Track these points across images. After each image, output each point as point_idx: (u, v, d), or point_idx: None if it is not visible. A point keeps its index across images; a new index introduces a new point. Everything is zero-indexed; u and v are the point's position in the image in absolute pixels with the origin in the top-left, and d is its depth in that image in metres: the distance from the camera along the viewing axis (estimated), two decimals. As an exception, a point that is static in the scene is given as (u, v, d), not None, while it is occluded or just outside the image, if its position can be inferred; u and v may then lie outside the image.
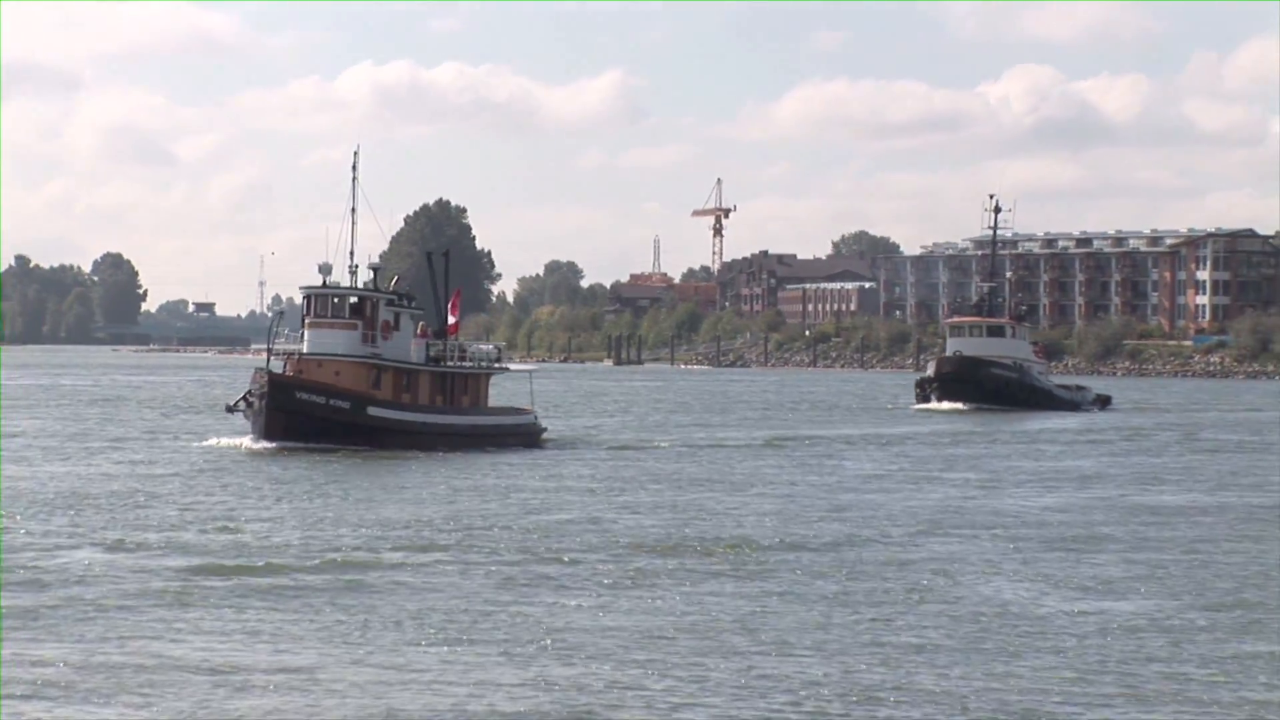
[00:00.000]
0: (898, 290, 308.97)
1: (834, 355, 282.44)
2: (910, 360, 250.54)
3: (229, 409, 73.29)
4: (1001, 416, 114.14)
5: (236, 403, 71.98)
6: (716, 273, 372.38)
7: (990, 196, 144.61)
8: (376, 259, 77.77)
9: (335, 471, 61.04)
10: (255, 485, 55.47)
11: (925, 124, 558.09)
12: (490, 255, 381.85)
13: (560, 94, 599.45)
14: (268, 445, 68.30)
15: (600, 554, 40.19)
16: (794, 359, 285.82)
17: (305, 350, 72.29)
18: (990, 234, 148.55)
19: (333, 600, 33.20)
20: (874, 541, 43.61)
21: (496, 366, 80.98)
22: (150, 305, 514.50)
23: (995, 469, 69.18)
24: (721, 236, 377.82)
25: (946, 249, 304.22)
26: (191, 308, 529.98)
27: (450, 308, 79.72)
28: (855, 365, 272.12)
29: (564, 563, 38.67)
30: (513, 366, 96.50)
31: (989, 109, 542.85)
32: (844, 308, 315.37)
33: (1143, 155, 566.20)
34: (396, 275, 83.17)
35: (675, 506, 51.35)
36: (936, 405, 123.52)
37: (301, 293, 74.32)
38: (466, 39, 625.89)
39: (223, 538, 41.97)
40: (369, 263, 75.28)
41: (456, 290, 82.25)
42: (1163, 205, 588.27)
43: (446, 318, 79.40)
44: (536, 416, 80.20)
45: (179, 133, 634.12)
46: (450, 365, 75.53)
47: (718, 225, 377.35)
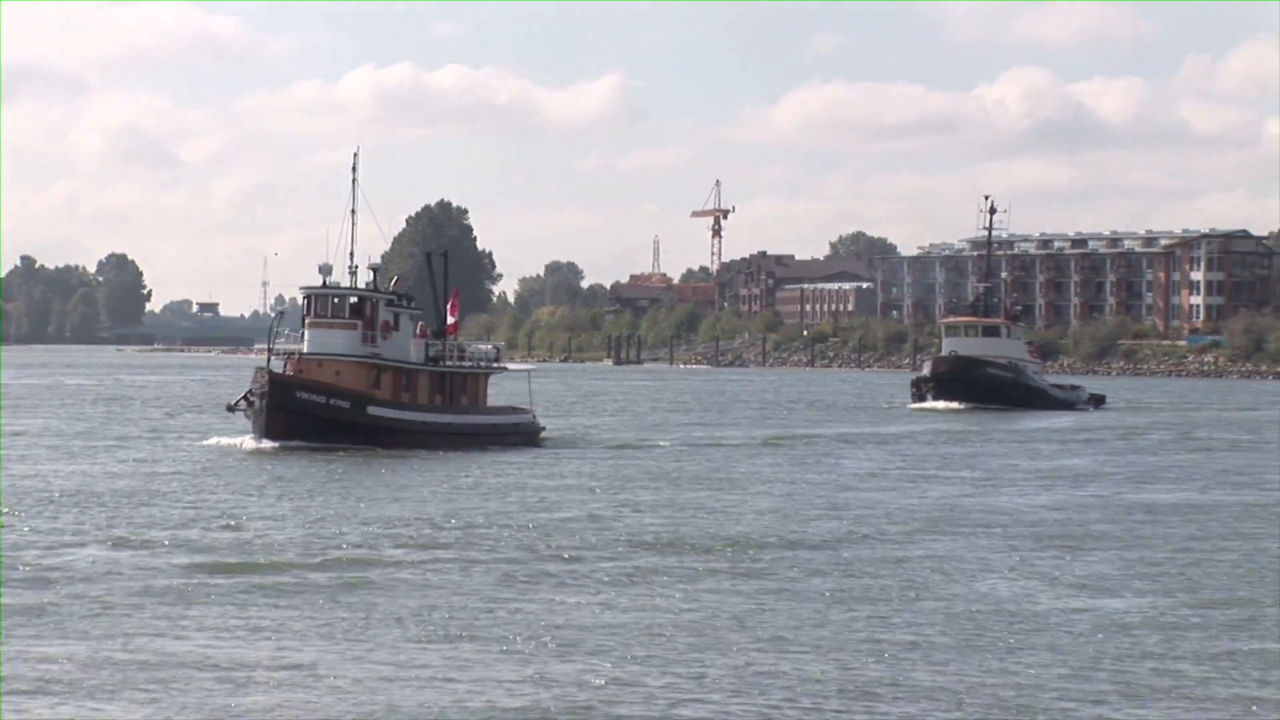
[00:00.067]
0: (895, 291, 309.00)
1: (832, 355, 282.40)
2: (907, 360, 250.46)
3: (230, 408, 73.49)
4: (996, 416, 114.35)
5: (237, 402, 72.17)
6: (715, 273, 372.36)
7: (986, 198, 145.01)
8: (378, 260, 78.04)
9: (336, 470, 61.17)
10: (257, 484, 55.60)
11: (922, 126, 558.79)
12: (491, 256, 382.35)
13: (560, 96, 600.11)
14: (268, 444, 68.48)
15: (600, 552, 40.34)
16: (792, 359, 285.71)
17: (305, 350, 72.47)
18: (986, 235, 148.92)
19: (334, 597, 33.36)
20: (871, 539, 43.77)
21: (495, 366, 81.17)
22: (154, 305, 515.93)
23: (991, 468, 69.28)
24: (720, 237, 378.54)
25: (943, 250, 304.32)
26: (195, 308, 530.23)
27: (449, 308, 79.98)
28: (853, 365, 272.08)
29: (564, 560, 38.82)
30: (511, 366, 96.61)
31: (985, 111, 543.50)
32: (841, 308, 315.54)
33: (1137, 157, 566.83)
34: (396, 276, 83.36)
35: (674, 504, 51.47)
36: (932, 404, 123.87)
37: (302, 293, 74.67)
38: (467, 42, 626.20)
39: (225, 536, 42.11)
40: (369, 263, 75.62)
41: (455, 290, 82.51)
42: (1157, 206, 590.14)
43: (446, 318, 79.66)
44: (535, 416, 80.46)
45: (183, 135, 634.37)
46: (449, 365, 75.75)
47: (716, 226, 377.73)
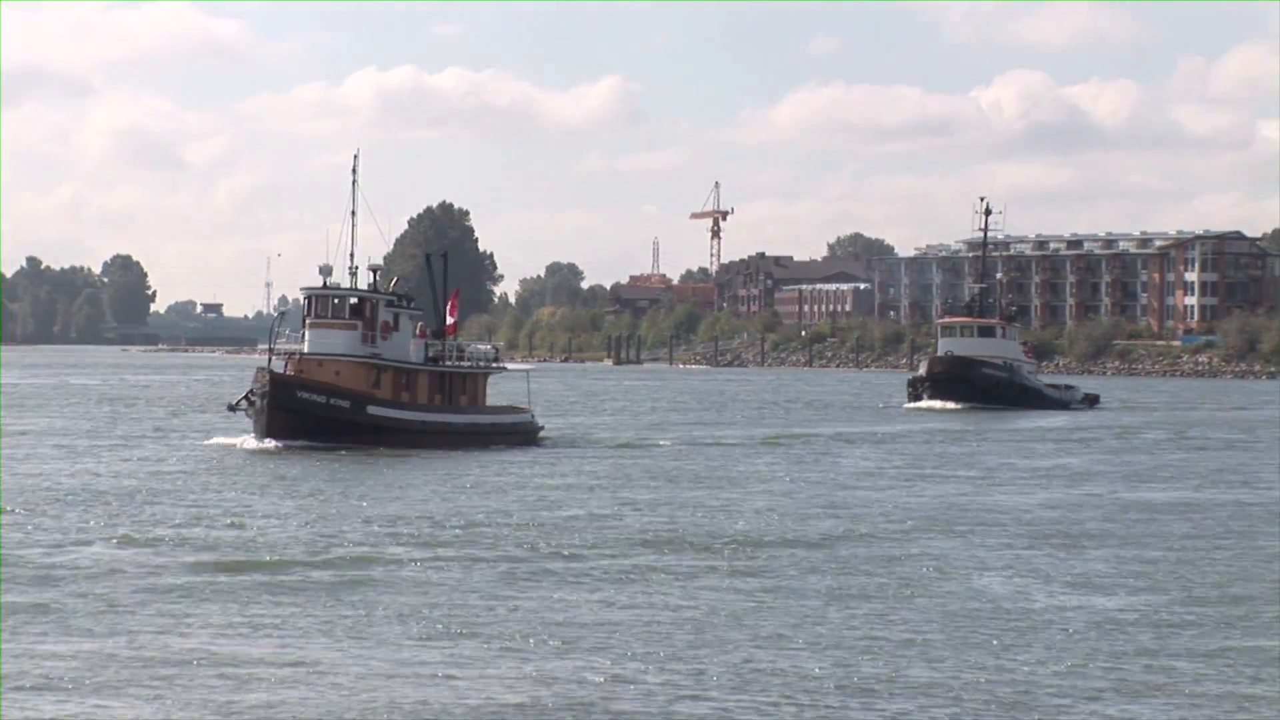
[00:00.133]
0: (892, 291, 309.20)
1: (830, 355, 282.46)
2: (905, 360, 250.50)
3: (231, 408, 73.70)
4: (992, 415, 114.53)
5: (238, 402, 72.41)
6: (714, 274, 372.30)
7: (981, 199, 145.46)
8: (381, 261, 78.28)
9: (337, 469, 61.33)
10: (259, 483, 55.78)
11: (919, 128, 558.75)
12: (492, 257, 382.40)
13: (561, 99, 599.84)
14: (269, 444, 68.72)
15: (599, 549, 40.50)
16: (790, 359, 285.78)
17: (306, 350, 72.66)
18: (982, 236, 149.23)
19: (337, 595, 33.54)
20: (868, 538, 43.91)
21: (494, 366, 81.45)
22: (159, 306, 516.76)
23: (987, 467, 69.39)
24: (719, 239, 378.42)
25: (940, 251, 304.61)
26: (199, 308, 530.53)
27: (449, 308, 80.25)
28: (850, 365, 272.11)
29: (564, 558, 39.00)
30: (510, 366, 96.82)
31: (982, 113, 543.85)
32: (839, 308, 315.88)
33: (1132, 159, 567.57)
34: (397, 277, 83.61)
35: (673, 503, 51.62)
36: (928, 404, 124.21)
37: (302, 294, 74.89)
38: (469, 45, 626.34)
39: (229, 534, 42.29)
40: (369, 264, 75.88)
41: (455, 291, 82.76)
42: (1152, 208, 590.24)
43: (445, 318, 79.93)
44: (533, 415, 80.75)
45: (187, 137, 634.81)
46: (448, 365, 75.98)
47: (715, 227, 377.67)
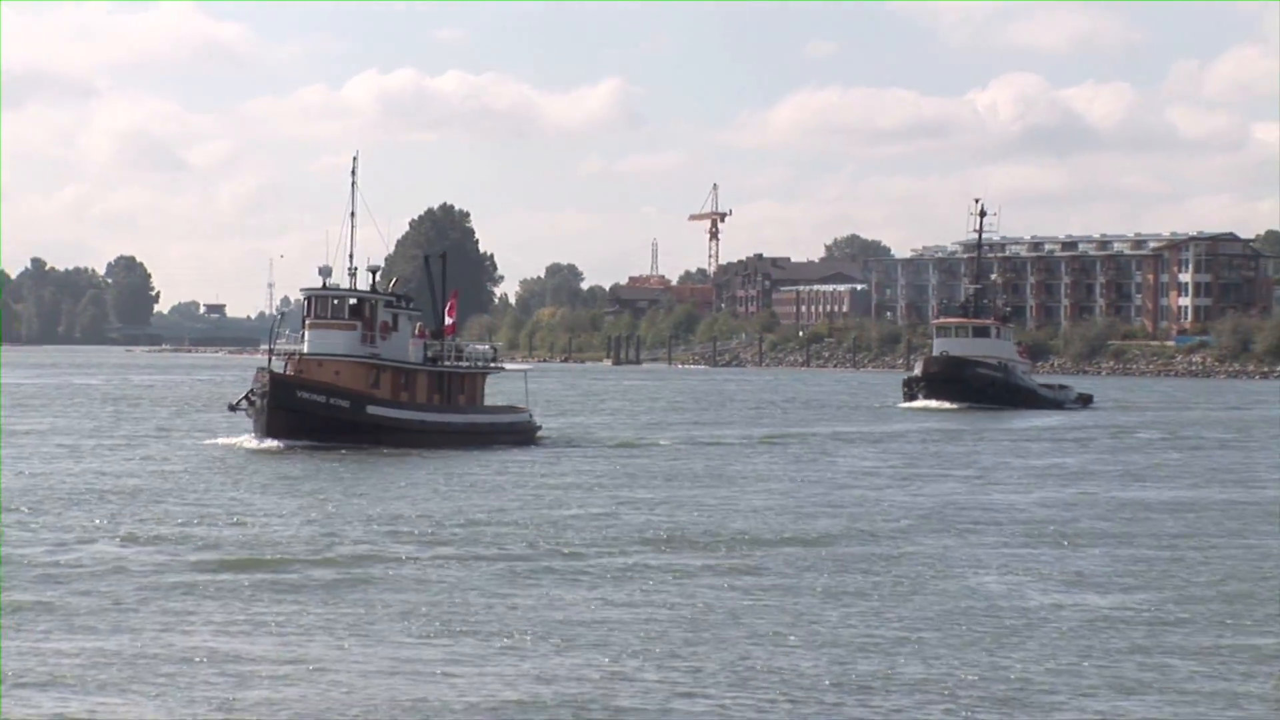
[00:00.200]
0: (888, 292, 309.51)
1: (827, 355, 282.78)
2: (901, 360, 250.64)
3: (231, 407, 73.89)
4: (986, 415, 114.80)
5: (239, 401, 72.63)
6: (713, 275, 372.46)
7: (976, 201, 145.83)
8: (383, 262, 78.50)
9: (337, 469, 61.55)
10: (261, 482, 55.99)
11: (915, 131, 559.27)
12: (493, 258, 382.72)
13: (560, 101, 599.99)
14: (269, 443, 68.93)
15: (598, 548, 40.68)
16: (788, 359, 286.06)
17: (306, 350, 72.85)
18: (977, 237, 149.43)
19: (338, 593, 33.71)
20: (865, 536, 44.09)
21: (492, 366, 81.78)
22: (163, 307, 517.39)
23: (982, 466, 69.58)
24: (717, 240, 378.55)
25: (936, 252, 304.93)
26: (203, 309, 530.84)
27: (447, 309, 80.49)
28: (847, 365, 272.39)
29: (563, 556, 39.19)
30: (508, 366, 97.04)
31: (977, 116, 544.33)
32: (836, 309, 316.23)
33: (1126, 161, 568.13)
34: (396, 277, 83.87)
35: (672, 502, 51.79)
36: (923, 404, 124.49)
37: (302, 294, 75.09)
38: (469, 48, 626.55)
39: (231, 532, 42.48)
40: (369, 265, 76.10)
41: (454, 292, 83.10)
42: (1146, 210, 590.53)
43: (444, 318, 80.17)
44: (531, 415, 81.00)
45: (190, 139, 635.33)
46: (447, 365, 76.21)
47: (714, 229, 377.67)
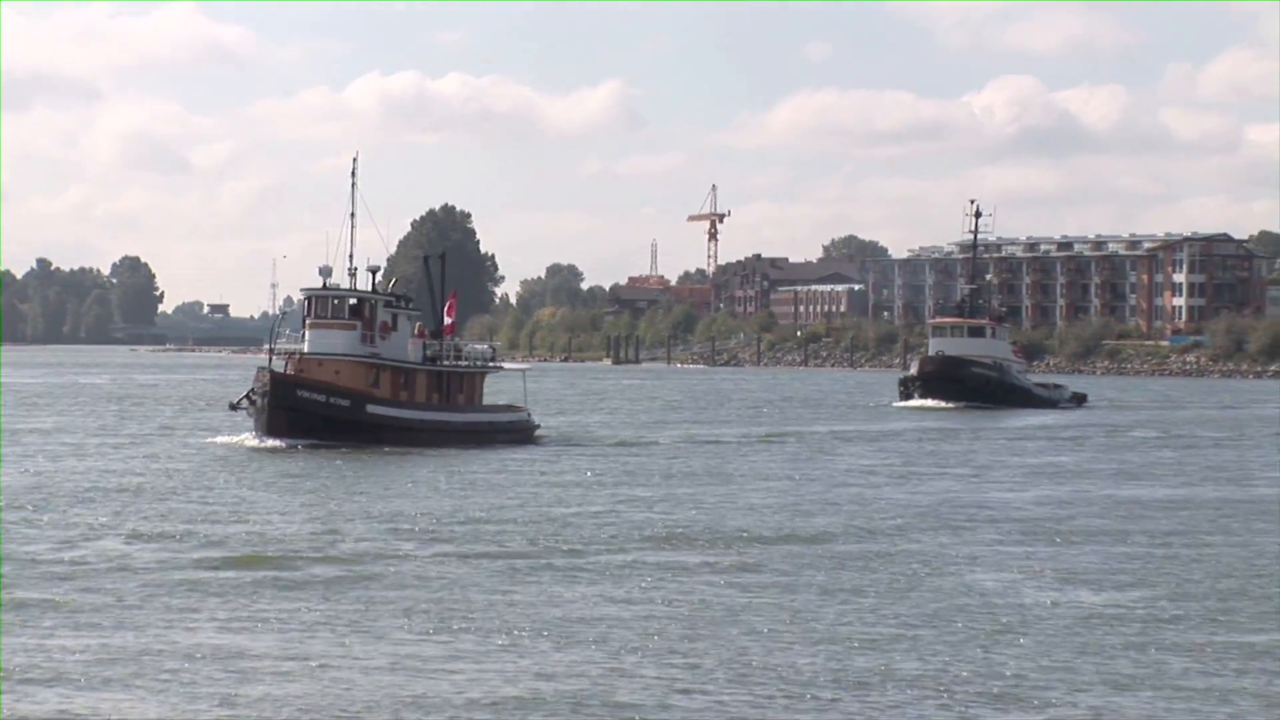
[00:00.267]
0: (885, 292, 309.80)
1: (824, 355, 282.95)
2: (898, 360, 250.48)
3: (232, 406, 74.06)
4: (982, 413, 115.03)
5: (240, 401, 72.85)
6: (711, 275, 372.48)
7: (972, 202, 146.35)
8: (384, 262, 78.70)
9: (338, 467, 61.75)
10: (263, 480, 56.19)
11: (912, 132, 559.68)
12: (494, 258, 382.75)
13: (561, 103, 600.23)
14: (270, 442, 69.12)
15: (597, 545, 40.86)
16: (786, 359, 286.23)
17: (306, 350, 73.02)
18: (973, 238, 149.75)
19: (340, 590, 33.89)
20: (862, 533, 44.27)
21: (491, 366, 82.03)
22: (167, 306, 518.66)
23: (978, 464, 69.73)
24: (716, 241, 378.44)
25: (932, 252, 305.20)
26: (206, 309, 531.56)
27: (446, 309, 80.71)
28: (845, 365, 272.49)
29: (562, 553, 39.37)
30: (507, 366, 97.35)
31: (973, 118, 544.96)
32: (834, 309, 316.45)
33: (1121, 162, 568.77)
34: (396, 278, 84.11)
35: (670, 500, 51.96)
36: (919, 403, 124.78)
37: (302, 294, 75.30)
38: (471, 50, 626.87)
39: (234, 530, 42.66)
40: (369, 265, 76.33)
41: (453, 292, 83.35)
42: (1141, 210, 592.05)
43: (443, 318, 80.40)
44: (530, 414, 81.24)
45: (194, 141, 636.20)
46: (446, 364, 76.41)
47: (713, 230, 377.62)
